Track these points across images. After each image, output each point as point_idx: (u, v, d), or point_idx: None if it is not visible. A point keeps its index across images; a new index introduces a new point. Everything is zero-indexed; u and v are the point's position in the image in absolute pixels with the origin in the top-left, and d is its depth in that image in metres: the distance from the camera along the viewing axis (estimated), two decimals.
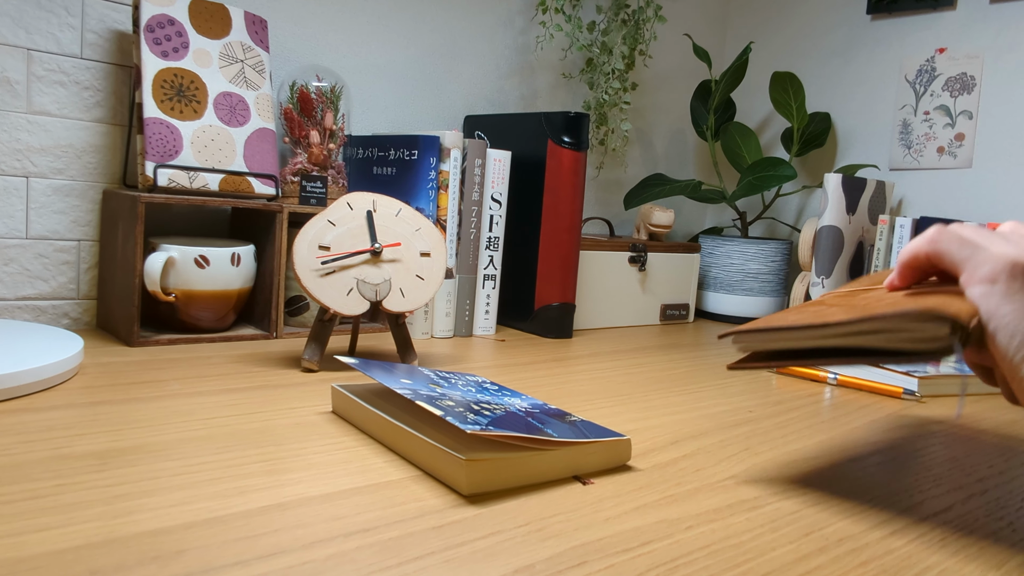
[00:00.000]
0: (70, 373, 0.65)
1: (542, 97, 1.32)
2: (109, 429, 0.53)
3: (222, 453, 0.50)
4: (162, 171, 0.80)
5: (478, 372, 0.78)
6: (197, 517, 0.40)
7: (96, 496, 0.42)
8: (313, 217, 0.75)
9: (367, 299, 0.75)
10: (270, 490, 0.45)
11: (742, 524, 0.45)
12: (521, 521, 0.43)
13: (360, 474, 0.49)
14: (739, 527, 0.45)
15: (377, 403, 0.57)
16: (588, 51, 1.29)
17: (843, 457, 0.60)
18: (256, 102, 0.89)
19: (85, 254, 0.87)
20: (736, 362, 0.51)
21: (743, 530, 0.44)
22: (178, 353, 0.77)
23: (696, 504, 0.48)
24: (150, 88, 0.81)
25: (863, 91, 1.42)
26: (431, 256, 0.79)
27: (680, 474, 0.53)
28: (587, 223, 1.40)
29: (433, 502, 0.45)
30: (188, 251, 0.80)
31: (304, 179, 0.91)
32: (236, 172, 0.85)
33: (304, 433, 0.56)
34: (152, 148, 0.80)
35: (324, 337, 0.75)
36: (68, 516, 0.39)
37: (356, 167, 1.03)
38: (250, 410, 0.60)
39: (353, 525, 0.41)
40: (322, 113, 0.95)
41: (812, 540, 0.44)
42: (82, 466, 0.46)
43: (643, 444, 0.59)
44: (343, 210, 0.76)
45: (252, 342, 0.85)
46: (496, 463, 0.47)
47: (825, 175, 1.20)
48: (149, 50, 0.82)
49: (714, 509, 0.47)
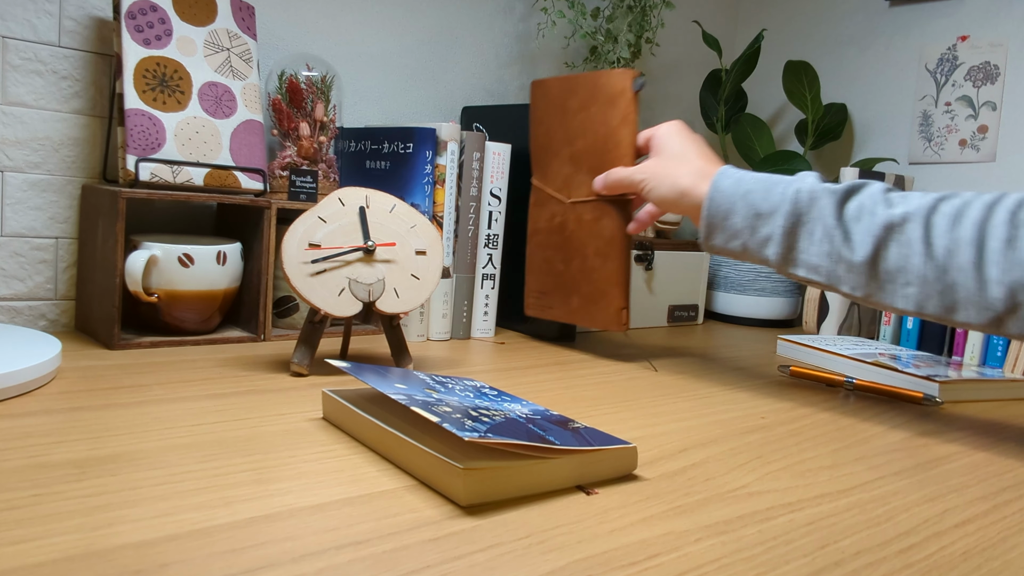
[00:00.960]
0: (47, 378, 0.65)
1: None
2: (88, 436, 0.53)
3: (207, 462, 0.50)
4: (144, 165, 0.80)
5: (476, 376, 0.78)
6: (181, 529, 0.40)
7: (75, 507, 0.42)
8: (303, 214, 0.75)
9: (360, 300, 0.75)
10: (258, 500, 0.45)
11: (754, 536, 0.45)
12: (522, 533, 0.43)
13: (352, 484, 0.49)
14: (751, 539, 0.45)
15: (370, 409, 0.57)
16: (592, 39, 1.29)
17: (860, 466, 0.60)
18: (243, 92, 0.89)
19: (63, 252, 0.87)
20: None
21: (755, 543, 0.44)
22: (161, 356, 0.77)
23: (706, 515, 0.48)
24: (131, 78, 0.81)
25: (881, 81, 1.42)
26: (427, 255, 0.79)
27: (689, 483, 0.53)
28: None
29: (429, 513, 0.45)
30: (171, 249, 0.80)
31: (293, 173, 0.91)
32: (222, 166, 0.85)
33: (293, 440, 0.56)
34: (133, 141, 0.80)
35: (314, 340, 0.75)
36: (46, 528, 0.39)
37: (348, 161, 1.04)
38: (237, 416, 0.60)
39: (345, 537, 0.41)
40: (312, 104, 0.95)
41: (828, 553, 0.44)
42: (60, 475, 0.46)
43: (650, 452, 0.59)
44: (334, 206, 0.76)
45: (239, 345, 0.85)
46: (495, 472, 0.47)
47: (841, 169, 1.20)
48: (130, 38, 0.82)
49: (724, 520, 0.47)
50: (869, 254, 0.66)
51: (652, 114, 1.50)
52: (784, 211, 0.70)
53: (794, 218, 0.70)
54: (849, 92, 1.46)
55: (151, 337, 0.82)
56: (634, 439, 0.62)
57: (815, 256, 0.69)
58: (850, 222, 0.67)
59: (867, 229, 0.66)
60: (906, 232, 0.64)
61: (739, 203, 0.72)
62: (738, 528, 0.46)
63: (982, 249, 0.61)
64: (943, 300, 0.63)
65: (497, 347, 0.96)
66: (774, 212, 0.70)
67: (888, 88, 1.41)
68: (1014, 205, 0.61)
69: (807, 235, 0.69)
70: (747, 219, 0.72)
